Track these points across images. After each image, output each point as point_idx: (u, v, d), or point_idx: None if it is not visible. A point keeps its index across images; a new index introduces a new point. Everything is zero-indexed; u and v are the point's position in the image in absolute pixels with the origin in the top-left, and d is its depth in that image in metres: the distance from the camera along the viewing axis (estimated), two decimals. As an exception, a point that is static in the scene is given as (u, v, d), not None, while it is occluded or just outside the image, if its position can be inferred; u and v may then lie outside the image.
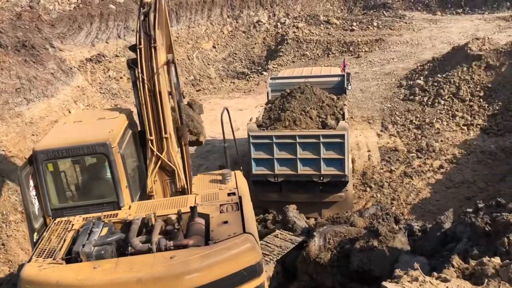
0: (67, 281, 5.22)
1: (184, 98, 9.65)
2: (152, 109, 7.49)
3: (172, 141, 7.63)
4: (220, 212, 6.43)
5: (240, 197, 6.84)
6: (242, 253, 5.41)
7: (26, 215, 6.97)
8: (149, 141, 7.57)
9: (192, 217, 6.31)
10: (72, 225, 6.40)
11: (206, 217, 6.34)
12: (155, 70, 7.37)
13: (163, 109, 7.48)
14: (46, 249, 5.88)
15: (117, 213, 6.74)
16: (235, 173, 7.93)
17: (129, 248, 5.87)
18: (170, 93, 7.80)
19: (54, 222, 6.65)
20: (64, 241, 6.01)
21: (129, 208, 6.95)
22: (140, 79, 7.41)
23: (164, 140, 7.54)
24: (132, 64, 7.58)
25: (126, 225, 6.36)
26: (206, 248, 5.46)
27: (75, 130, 7.70)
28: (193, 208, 6.36)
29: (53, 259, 5.63)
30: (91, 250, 5.61)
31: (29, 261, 5.68)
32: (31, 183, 6.94)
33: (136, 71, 7.45)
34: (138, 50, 7.51)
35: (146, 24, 7.57)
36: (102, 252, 5.66)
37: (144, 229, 6.27)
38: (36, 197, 7.00)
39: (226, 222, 6.09)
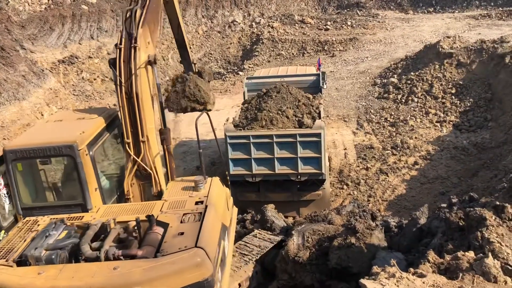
0: (10, 285, 5.12)
1: (195, 65, 9.97)
2: (129, 112, 7.26)
3: (150, 145, 7.42)
4: (181, 222, 6.17)
5: (206, 207, 6.56)
6: (188, 269, 5.20)
7: None
8: (126, 144, 7.40)
9: (150, 226, 6.06)
10: (38, 225, 6.28)
11: (165, 226, 6.12)
12: (133, 71, 7.12)
13: (140, 112, 7.23)
14: (4, 249, 5.78)
15: (83, 216, 6.62)
16: (211, 180, 7.65)
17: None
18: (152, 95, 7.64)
19: (23, 221, 6.58)
20: (24, 242, 5.90)
21: (97, 211, 6.83)
22: (118, 81, 7.19)
23: (141, 143, 7.35)
24: (112, 64, 7.35)
25: (87, 229, 6.21)
26: (152, 261, 5.28)
27: (50, 130, 7.63)
28: (149, 217, 6.09)
29: (6, 261, 5.53)
30: (40, 254, 5.49)
31: None
32: (2, 181, 6.92)
33: (114, 72, 7.25)
34: (117, 49, 7.28)
35: (130, 22, 7.31)
36: (53, 256, 5.52)
37: (102, 235, 6.07)
38: (7, 196, 6.98)
39: (182, 233, 5.84)
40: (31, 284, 5.08)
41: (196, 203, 6.76)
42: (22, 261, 5.52)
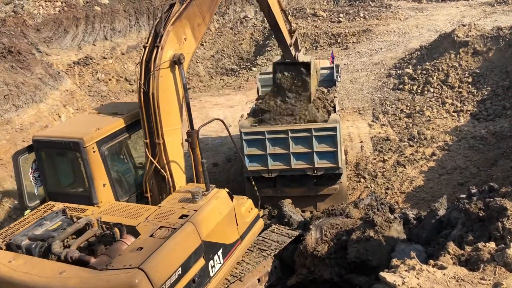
0: None
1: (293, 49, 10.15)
2: (146, 112, 7.13)
3: (166, 147, 7.28)
4: (150, 236, 5.92)
5: (183, 224, 6.14)
6: None
7: (18, 195, 7.47)
8: (145, 144, 7.39)
9: (121, 234, 5.96)
10: (51, 211, 6.46)
11: (137, 237, 5.98)
12: (151, 71, 6.89)
13: (156, 113, 7.04)
14: (10, 229, 5.96)
15: (86, 209, 6.81)
16: (216, 192, 7.12)
17: None
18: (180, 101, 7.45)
19: (44, 204, 6.95)
20: (27, 225, 6.05)
21: (101, 206, 6.97)
22: (137, 80, 7.10)
23: (157, 145, 7.26)
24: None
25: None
26: (92, 273, 5.21)
27: (77, 123, 8.20)
28: (119, 226, 5.99)
29: (1, 242, 5.74)
30: (21, 242, 5.61)
31: None
32: (33, 166, 7.48)
33: (136, 73, 7.17)
34: (143, 48, 7.15)
35: (161, 20, 7.07)
36: (33, 246, 5.63)
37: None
38: (38, 178, 7.54)
39: (141, 248, 5.61)
40: None
41: (181, 216, 6.40)
42: (11, 245, 5.69)
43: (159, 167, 7.37)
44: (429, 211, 9.27)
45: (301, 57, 11.83)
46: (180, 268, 5.71)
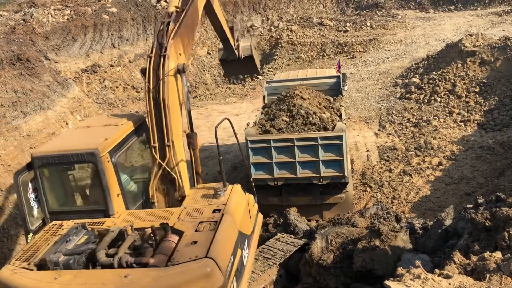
0: None
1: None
2: (156, 117, 7.53)
3: (175, 149, 7.59)
4: (195, 231, 6.14)
5: (222, 215, 6.50)
6: (198, 279, 5.17)
7: (21, 217, 7.17)
8: (152, 148, 7.60)
9: (165, 234, 6.08)
10: (62, 229, 6.39)
11: (181, 234, 6.12)
12: (160, 78, 7.44)
13: (166, 117, 7.47)
14: (28, 251, 5.90)
15: (104, 221, 6.73)
16: (232, 187, 7.61)
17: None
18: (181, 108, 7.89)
19: (49, 224, 6.73)
20: (47, 245, 6.00)
21: (118, 217, 6.92)
22: (146, 87, 7.52)
23: (166, 148, 7.52)
24: (143, 73, 7.79)
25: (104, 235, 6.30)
26: (162, 270, 5.28)
27: (76, 136, 7.86)
28: (164, 225, 6.11)
29: (28, 264, 5.63)
30: (58, 259, 5.56)
31: (9, 262, 5.69)
32: (31, 186, 7.14)
33: (145, 80, 7.61)
34: (148, 58, 7.67)
35: (162, 34, 7.73)
36: (70, 261, 5.59)
37: (120, 242, 6.14)
38: (36, 200, 7.20)
39: (195, 242, 5.81)
40: None
41: (214, 211, 6.71)
42: (42, 265, 5.61)
43: (168, 169, 7.52)
44: (436, 221, 9.22)
45: (242, 47, 12.17)
46: (231, 256, 6.01)
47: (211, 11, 9.59)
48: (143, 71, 7.84)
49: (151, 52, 7.69)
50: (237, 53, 11.44)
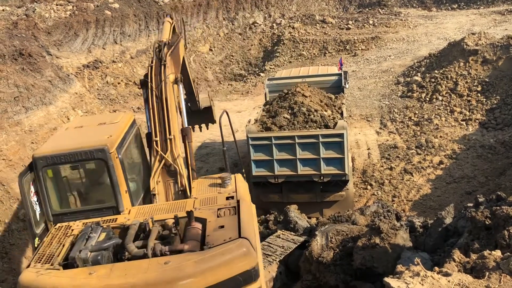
0: (62, 287, 5.23)
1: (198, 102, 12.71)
2: (158, 113, 8.08)
3: (176, 142, 7.95)
4: (217, 217, 6.33)
5: (238, 201, 6.73)
6: (237, 258, 5.32)
7: (27, 221, 7.01)
8: (154, 142, 7.89)
9: (189, 221, 6.24)
10: (72, 230, 6.39)
11: (203, 221, 6.28)
12: (162, 78, 8.31)
13: (168, 113, 8.04)
14: (45, 254, 5.88)
15: (116, 218, 6.72)
16: (235, 177, 7.85)
17: (126, 253, 5.85)
18: (178, 109, 8.60)
19: (55, 227, 6.65)
20: (63, 246, 6.00)
21: (129, 212, 6.94)
22: (149, 87, 8.24)
23: (168, 141, 7.88)
24: (143, 84, 8.56)
25: (124, 230, 6.35)
26: (200, 253, 5.39)
27: (75, 135, 7.75)
28: (189, 213, 6.25)
29: (51, 265, 5.62)
30: (87, 256, 5.59)
31: (28, 266, 5.68)
32: (32, 188, 6.99)
33: (144, 91, 8.43)
34: (149, 67, 8.55)
35: (159, 50, 8.82)
36: (98, 257, 5.63)
37: (141, 234, 6.24)
38: (37, 203, 7.05)
39: (222, 226, 6.00)
40: (84, 285, 5.19)
41: (227, 198, 6.92)
42: (68, 264, 5.62)
43: (170, 161, 7.79)
44: (436, 219, 9.22)
45: (201, 99, 13.33)
46: (255, 236, 6.20)
47: (183, 66, 10.69)
48: (142, 83, 8.54)
49: (152, 62, 8.64)
50: (198, 104, 12.89)
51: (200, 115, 13.40)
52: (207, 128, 14.35)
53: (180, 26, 11.85)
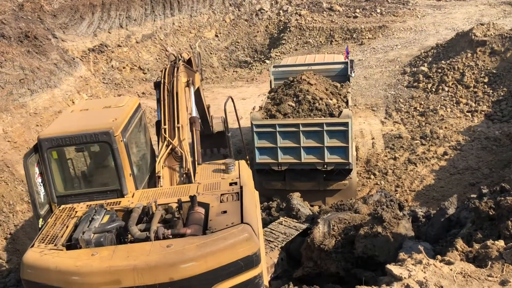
0: (65, 267, 5.28)
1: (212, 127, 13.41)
2: (168, 104, 8.72)
3: (183, 131, 8.31)
4: (220, 202, 6.40)
5: (241, 187, 6.79)
6: (239, 243, 5.37)
7: (31, 202, 7.09)
8: (163, 129, 8.25)
9: (192, 206, 6.29)
10: (76, 212, 6.44)
11: (206, 206, 6.33)
12: (174, 75, 9.11)
13: (178, 105, 8.65)
14: (48, 235, 5.94)
15: (120, 201, 6.77)
16: (238, 163, 7.93)
17: (129, 236, 5.91)
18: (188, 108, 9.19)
19: (59, 208, 6.71)
20: (67, 227, 6.06)
21: (132, 196, 6.98)
22: (162, 84, 9.02)
23: (177, 129, 8.29)
24: (157, 86, 9.26)
25: (127, 213, 6.40)
26: (203, 238, 5.44)
27: (80, 118, 7.76)
28: (192, 197, 6.31)
29: (54, 245, 5.68)
30: (90, 237, 5.64)
31: (32, 246, 5.73)
32: (37, 170, 7.04)
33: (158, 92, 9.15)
34: (164, 69, 9.37)
35: (175, 60, 9.82)
36: (102, 239, 5.68)
37: (144, 217, 6.30)
38: (42, 184, 7.10)
39: (225, 212, 6.06)
40: (87, 265, 5.24)
41: (230, 184, 6.98)
42: (71, 245, 5.67)
43: (177, 147, 8.09)
44: (439, 209, 9.23)
45: (215, 124, 13.81)
46: (258, 222, 6.32)
47: (198, 94, 11.12)
48: (156, 84, 9.30)
49: (167, 65, 9.58)
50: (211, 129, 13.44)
51: (214, 139, 13.99)
52: (219, 152, 14.63)
53: (197, 60, 12.56)
